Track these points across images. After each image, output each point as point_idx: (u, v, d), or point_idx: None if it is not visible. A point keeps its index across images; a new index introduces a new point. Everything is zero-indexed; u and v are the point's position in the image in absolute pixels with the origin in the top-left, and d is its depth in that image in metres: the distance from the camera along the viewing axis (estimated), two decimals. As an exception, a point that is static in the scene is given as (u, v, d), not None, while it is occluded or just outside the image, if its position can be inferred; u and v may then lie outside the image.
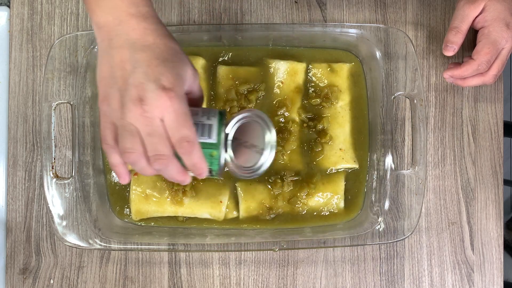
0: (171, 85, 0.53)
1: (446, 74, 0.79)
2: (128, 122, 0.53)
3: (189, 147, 0.54)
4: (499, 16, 0.74)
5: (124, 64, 0.54)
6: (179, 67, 0.55)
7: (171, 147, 0.54)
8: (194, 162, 0.56)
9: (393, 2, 0.85)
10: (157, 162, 0.54)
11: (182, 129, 0.54)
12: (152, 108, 0.52)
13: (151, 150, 0.54)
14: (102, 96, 0.55)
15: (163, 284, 0.82)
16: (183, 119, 0.54)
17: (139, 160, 0.54)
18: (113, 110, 0.54)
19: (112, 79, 0.54)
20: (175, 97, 0.53)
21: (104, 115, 0.55)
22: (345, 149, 0.80)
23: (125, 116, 0.53)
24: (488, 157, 0.84)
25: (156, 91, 0.52)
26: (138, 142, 0.53)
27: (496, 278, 0.83)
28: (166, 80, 0.53)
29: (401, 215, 0.79)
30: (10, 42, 0.83)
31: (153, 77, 0.53)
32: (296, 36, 0.79)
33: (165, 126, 0.53)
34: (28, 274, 0.82)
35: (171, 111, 0.53)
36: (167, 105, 0.52)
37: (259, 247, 0.80)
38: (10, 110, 0.82)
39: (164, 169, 0.55)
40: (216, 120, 0.61)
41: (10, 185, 0.82)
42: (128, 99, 0.53)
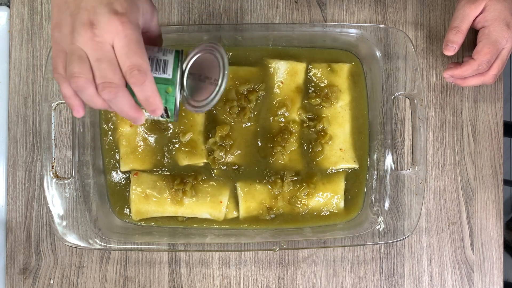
0: (124, 10, 0.52)
1: (446, 73, 0.79)
2: (78, 46, 0.51)
3: (141, 77, 0.52)
4: (500, 16, 0.74)
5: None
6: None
7: (122, 76, 0.52)
8: (146, 95, 0.53)
9: (393, 2, 0.85)
10: (105, 90, 0.51)
11: (133, 56, 0.52)
12: (103, 32, 0.51)
13: (100, 76, 0.51)
14: (54, 23, 0.53)
15: (163, 284, 0.82)
16: (135, 46, 0.52)
17: (86, 86, 0.52)
18: (64, 35, 0.52)
19: (65, 4, 0.52)
20: (127, 22, 0.51)
21: (55, 42, 0.53)
22: (345, 149, 0.80)
23: (75, 40, 0.51)
24: (488, 157, 0.84)
25: (107, 15, 0.51)
26: (87, 68, 0.51)
27: (496, 278, 0.83)
28: (119, 4, 0.52)
29: (401, 215, 0.79)
30: (10, 42, 0.83)
31: (106, 1, 0.51)
32: (296, 36, 0.79)
33: (116, 53, 0.51)
34: (28, 274, 0.82)
35: (122, 37, 0.51)
36: (118, 30, 0.51)
37: (259, 247, 0.80)
38: (10, 110, 0.82)
39: (114, 99, 0.52)
40: (172, 56, 0.59)
41: (10, 185, 0.82)
42: (79, 23, 0.51)
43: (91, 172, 0.78)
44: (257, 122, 0.80)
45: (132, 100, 0.54)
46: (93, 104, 0.53)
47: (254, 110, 0.80)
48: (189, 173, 0.79)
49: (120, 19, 0.51)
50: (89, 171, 0.77)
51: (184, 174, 0.79)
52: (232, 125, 0.79)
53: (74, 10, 0.52)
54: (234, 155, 0.79)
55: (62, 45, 0.53)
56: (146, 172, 0.79)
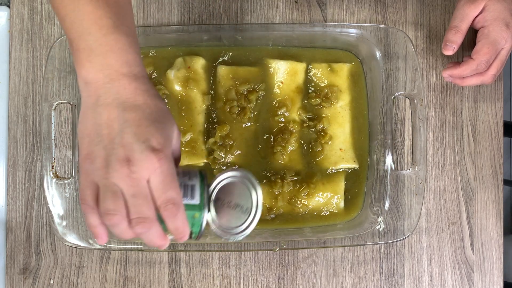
0: (160, 146, 0.52)
1: (445, 73, 0.79)
2: (113, 182, 0.51)
3: (175, 210, 0.53)
4: (499, 16, 0.74)
5: (112, 122, 0.52)
6: (168, 128, 0.54)
7: (155, 209, 0.52)
8: (177, 226, 0.54)
9: (393, 2, 0.85)
10: (139, 225, 0.52)
11: (168, 191, 0.52)
12: (140, 169, 0.51)
13: (134, 212, 0.51)
14: (84, 153, 0.53)
15: (163, 284, 0.82)
16: (170, 181, 0.52)
17: (120, 223, 0.52)
18: (97, 169, 0.52)
19: (98, 137, 0.52)
20: (164, 159, 0.52)
21: (85, 173, 0.53)
22: (345, 149, 0.80)
23: (109, 175, 0.51)
24: (488, 157, 0.84)
25: (145, 152, 0.51)
26: (121, 204, 0.51)
27: (496, 278, 0.83)
28: (155, 141, 0.52)
29: (401, 215, 0.79)
30: (10, 42, 0.83)
31: (143, 138, 0.51)
32: (296, 36, 0.79)
33: (151, 188, 0.52)
34: (28, 274, 0.82)
35: (159, 173, 0.51)
36: (155, 166, 0.51)
37: (259, 247, 0.80)
38: (10, 110, 0.82)
39: (146, 232, 0.53)
40: (198, 180, 0.59)
41: (10, 185, 0.82)
42: (115, 159, 0.51)
43: (91, 172, 0.78)
44: (257, 122, 0.80)
45: (161, 231, 0.54)
46: (121, 237, 0.53)
47: (254, 110, 0.80)
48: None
49: (157, 156, 0.51)
50: (89, 171, 0.77)
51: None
52: (232, 125, 0.79)
53: (108, 145, 0.52)
54: (234, 155, 0.79)
55: (94, 177, 0.52)
56: (146, 172, 0.79)
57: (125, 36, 0.54)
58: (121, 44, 0.54)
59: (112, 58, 0.53)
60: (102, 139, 0.52)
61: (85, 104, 0.54)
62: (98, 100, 0.53)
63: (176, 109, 0.79)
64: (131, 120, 0.52)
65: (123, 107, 0.52)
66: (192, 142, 0.79)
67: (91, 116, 0.53)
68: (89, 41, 0.53)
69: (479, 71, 0.76)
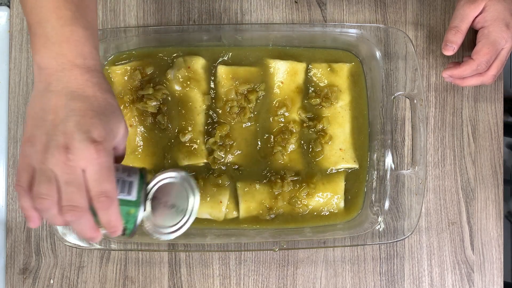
0: (101, 139, 0.53)
1: (445, 73, 0.79)
2: (49, 167, 0.51)
3: (108, 203, 0.53)
4: (499, 16, 0.74)
5: (58, 109, 0.53)
6: (113, 123, 0.55)
7: (88, 200, 0.53)
8: (110, 219, 0.54)
9: (393, 2, 0.85)
10: (70, 213, 0.52)
11: (103, 183, 0.53)
12: (77, 158, 0.51)
13: (66, 199, 0.52)
14: (27, 136, 0.53)
15: (163, 284, 0.82)
16: (106, 174, 0.53)
17: (50, 208, 0.52)
18: (36, 152, 0.52)
19: (42, 121, 0.53)
20: (102, 151, 0.52)
21: (24, 155, 0.53)
22: (345, 149, 0.80)
23: (46, 160, 0.51)
24: (488, 157, 0.84)
25: (84, 142, 0.52)
26: (54, 189, 0.52)
27: (496, 278, 0.83)
28: (97, 133, 0.53)
29: (401, 215, 0.79)
30: (10, 42, 0.83)
31: (85, 128, 0.52)
32: (296, 36, 0.79)
33: (86, 178, 0.52)
34: (28, 274, 0.82)
35: (96, 164, 0.52)
36: (93, 157, 0.52)
37: (259, 247, 0.80)
38: (10, 110, 0.82)
39: (76, 221, 0.53)
40: (137, 177, 0.60)
41: (10, 185, 0.82)
42: (54, 144, 0.51)
43: (91, 172, 0.78)
44: (257, 122, 0.80)
45: (93, 222, 0.54)
46: (52, 222, 0.54)
47: (254, 110, 0.80)
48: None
49: (96, 148, 0.52)
50: (89, 171, 0.77)
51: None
52: (232, 125, 0.79)
53: (50, 130, 0.52)
54: (234, 155, 0.79)
55: (32, 161, 0.53)
56: (146, 172, 0.79)
57: (83, 29, 0.55)
58: (77, 36, 0.55)
59: (67, 49, 0.54)
60: (45, 124, 0.53)
61: (36, 89, 0.55)
62: (48, 86, 0.54)
63: (176, 109, 0.79)
64: (76, 110, 0.53)
65: (71, 96, 0.53)
66: (192, 142, 0.79)
67: (39, 101, 0.54)
68: (46, 29, 0.54)
69: (479, 72, 0.76)
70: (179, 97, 0.79)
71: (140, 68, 0.79)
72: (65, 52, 0.54)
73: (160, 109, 0.79)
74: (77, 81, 0.54)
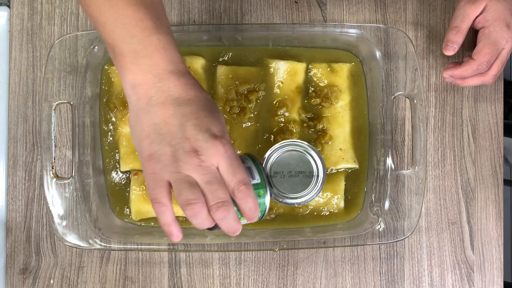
0: (221, 133, 0.55)
1: (445, 73, 0.79)
2: (185, 174, 0.53)
3: (247, 190, 0.55)
4: (500, 16, 0.74)
5: (170, 119, 0.54)
6: (220, 116, 0.57)
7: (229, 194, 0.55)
8: (250, 206, 0.56)
9: (393, 2, 0.85)
10: (220, 209, 0.54)
11: (238, 173, 0.55)
12: (209, 157, 0.53)
13: (213, 198, 0.54)
14: (147, 155, 0.54)
15: (163, 284, 0.82)
16: (237, 164, 0.55)
17: (201, 211, 0.54)
18: (165, 166, 0.53)
19: (159, 136, 0.54)
20: (227, 144, 0.55)
21: (152, 173, 0.54)
22: (345, 149, 0.80)
23: (181, 169, 0.53)
24: (488, 157, 0.84)
25: (209, 140, 0.53)
26: (199, 193, 0.53)
27: (496, 278, 0.83)
28: (216, 129, 0.55)
29: (401, 215, 0.79)
30: (10, 42, 0.83)
31: (204, 128, 0.54)
32: (296, 36, 0.79)
33: (221, 173, 0.54)
34: (28, 274, 0.82)
35: (226, 157, 0.54)
36: (221, 152, 0.54)
37: (259, 247, 0.80)
38: (10, 110, 0.82)
39: (225, 217, 0.54)
40: (250, 161, 0.63)
41: (10, 185, 0.82)
42: (182, 152, 0.53)
43: (91, 172, 0.78)
44: (257, 122, 0.80)
45: (237, 214, 0.56)
46: (201, 226, 0.55)
47: (254, 110, 0.80)
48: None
49: (221, 142, 0.54)
50: (89, 171, 0.77)
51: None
52: (232, 125, 0.79)
53: (172, 141, 0.53)
54: (234, 155, 0.79)
55: (164, 175, 0.54)
56: (146, 172, 0.79)
57: (166, 35, 0.56)
58: (163, 43, 0.55)
59: (158, 58, 0.55)
60: (164, 137, 0.54)
61: (135, 107, 0.55)
62: (150, 101, 0.54)
63: (176, 109, 0.79)
64: (188, 114, 0.54)
65: (177, 103, 0.54)
66: (192, 142, 0.79)
67: (146, 118, 0.55)
68: (133, 44, 0.54)
69: (480, 72, 0.76)
70: (179, 97, 0.79)
71: (140, 68, 0.79)
72: (158, 61, 0.55)
73: (160, 109, 0.79)
74: (176, 87, 0.55)
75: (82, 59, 0.76)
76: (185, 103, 0.55)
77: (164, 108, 0.54)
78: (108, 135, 0.80)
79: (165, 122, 0.54)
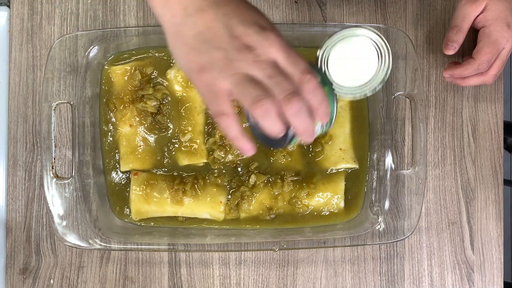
0: (269, 24, 0.51)
1: (446, 73, 0.79)
2: (243, 73, 0.48)
3: (314, 80, 0.50)
4: (500, 15, 0.74)
5: (212, 23, 0.50)
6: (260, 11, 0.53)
7: None
8: (321, 99, 0.50)
9: (393, 2, 0.85)
10: (292, 101, 0.48)
11: (299, 63, 0.50)
12: (264, 49, 0.49)
13: (280, 91, 0.48)
14: (198, 68, 0.50)
15: (163, 284, 0.82)
16: (295, 53, 0.51)
17: (271, 108, 0.48)
18: (220, 71, 0.49)
19: (205, 43, 0.50)
20: (279, 34, 0.50)
21: (208, 85, 0.50)
22: (345, 149, 0.80)
23: (237, 69, 0.48)
24: (488, 157, 0.84)
25: (261, 33, 0.49)
26: (263, 88, 0.48)
27: (496, 278, 0.83)
28: (263, 21, 0.50)
29: (401, 215, 0.79)
30: (10, 42, 0.83)
31: (252, 22, 0.50)
32: (296, 36, 0.79)
33: (281, 66, 0.50)
34: (28, 274, 0.82)
35: (282, 47, 0.50)
36: (276, 42, 0.49)
37: (259, 247, 0.80)
38: (10, 110, 0.82)
39: (299, 111, 0.49)
40: None
41: (10, 185, 0.82)
42: (235, 51, 0.49)
43: (91, 172, 0.78)
44: (257, 122, 0.80)
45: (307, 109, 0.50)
46: (273, 129, 0.50)
47: (254, 110, 0.80)
48: (189, 173, 0.79)
49: (273, 32, 0.50)
50: (89, 171, 0.77)
51: (184, 174, 0.79)
52: (232, 125, 0.79)
53: (221, 43, 0.49)
54: (234, 155, 0.79)
55: (220, 82, 0.49)
56: (146, 172, 0.79)
57: None
58: None
59: None
60: (211, 43, 0.50)
61: (171, 25, 0.52)
62: (186, 11, 0.51)
63: (176, 109, 0.79)
64: (230, 12, 0.50)
65: (215, 4, 0.50)
66: (192, 142, 0.79)
67: (186, 30, 0.51)
68: None
69: (480, 71, 0.76)
70: (179, 97, 0.79)
71: (140, 68, 0.79)
72: None
73: (160, 109, 0.79)
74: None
75: (82, 59, 0.76)
76: (223, 3, 0.50)
77: (203, 14, 0.50)
78: (108, 135, 0.80)
79: (208, 28, 0.50)
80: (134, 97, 0.78)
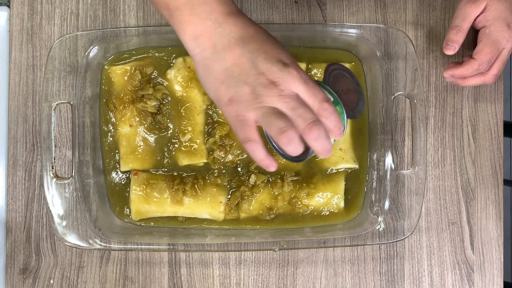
0: (291, 60, 0.56)
1: (446, 73, 0.79)
2: (269, 106, 0.54)
3: (331, 107, 0.56)
4: (500, 15, 0.74)
5: (240, 60, 0.55)
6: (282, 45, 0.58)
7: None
8: (336, 121, 0.57)
9: (393, 2, 0.85)
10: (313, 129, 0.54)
11: (317, 94, 0.55)
12: (287, 85, 0.54)
13: (302, 121, 0.54)
14: (226, 100, 0.55)
15: (163, 284, 0.82)
16: (313, 85, 0.56)
17: (294, 136, 0.54)
18: (248, 104, 0.54)
19: (233, 79, 0.55)
20: (299, 69, 0.56)
21: (235, 116, 0.55)
22: (345, 149, 0.80)
23: (264, 103, 0.54)
24: (488, 157, 0.84)
25: (283, 69, 0.54)
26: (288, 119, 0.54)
27: (496, 278, 0.83)
28: (284, 57, 0.56)
29: (401, 215, 0.79)
30: (10, 42, 0.83)
31: (275, 59, 0.55)
32: (296, 36, 0.79)
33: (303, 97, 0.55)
34: (28, 274, 0.82)
35: (302, 82, 0.55)
36: (297, 78, 0.55)
37: (259, 247, 0.80)
38: (10, 110, 0.82)
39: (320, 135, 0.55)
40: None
41: (10, 185, 0.82)
42: (261, 87, 0.54)
43: (91, 172, 0.78)
44: (257, 122, 0.80)
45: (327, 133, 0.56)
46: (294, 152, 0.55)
47: (254, 110, 0.80)
48: (189, 173, 0.79)
49: (294, 68, 0.55)
50: (89, 171, 0.77)
51: (184, 174, 0.79)
52: (232, 125, 0.79)
53: (248, 79, 0.54)
54: (234, 155, 0.79)
55: (248, 114, 0.55)
56: (146, 172, 0.79)
57: None
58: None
59: (213, 3, 0.56)
60: (238, 78, 0.55)
61: (202, 59, 0.56)
62: (215, 47, 0.55)
63: (176, 109, 0.79)
64: (256, 50, 0.55)
65: (242, 42, 0.55)
66: (192, 142, 0.79)
67: (216, 65, 0.56)
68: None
69: (481, 71, 0.76)
70: (179, 97, 0.79)
71: (140, 68, 0.79)
72: (214, 7, 0.56)
73: (160, 109, 0.79)
74: (236, 28, 0.56)
75: (82, 59, 0.76)
76: (249, 40, 0.56)
77: (231, 51, 0.55)
78: (108, 135, 0.80)
79: (236, 64, 0.55)
80: (134, 97, 0.78)
